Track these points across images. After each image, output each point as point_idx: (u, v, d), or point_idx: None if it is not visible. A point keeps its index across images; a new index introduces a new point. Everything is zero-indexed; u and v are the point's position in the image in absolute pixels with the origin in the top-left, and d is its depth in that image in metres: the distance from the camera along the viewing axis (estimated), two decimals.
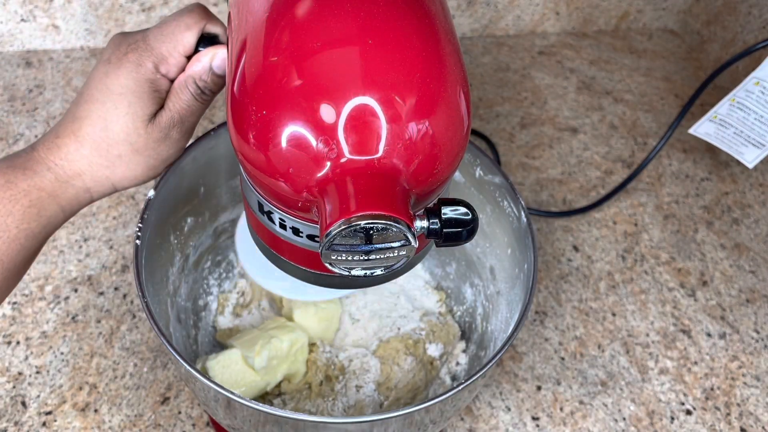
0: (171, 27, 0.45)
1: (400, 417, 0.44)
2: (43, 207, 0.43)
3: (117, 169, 0.45)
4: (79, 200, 0.45)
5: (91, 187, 0.45)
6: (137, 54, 0.43)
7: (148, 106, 0.44)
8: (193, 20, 0.45)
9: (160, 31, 0.44)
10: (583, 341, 0.71)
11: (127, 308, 0.69)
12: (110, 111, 0.43)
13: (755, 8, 0.94)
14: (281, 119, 0.35)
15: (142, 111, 0.44)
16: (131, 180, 0.46)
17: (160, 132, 0.45)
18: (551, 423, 0.65)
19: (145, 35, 0.44)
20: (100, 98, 0.43)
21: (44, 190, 0.43)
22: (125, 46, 0.44)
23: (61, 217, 0.44)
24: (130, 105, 0.43)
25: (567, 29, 1.09)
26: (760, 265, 0.80)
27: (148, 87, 0.44)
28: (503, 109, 0.95)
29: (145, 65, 0.43)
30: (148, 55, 0.44)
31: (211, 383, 0.43)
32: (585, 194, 0.85)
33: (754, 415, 0.67)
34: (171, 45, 0.44)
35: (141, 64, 0.43)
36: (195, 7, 0.46)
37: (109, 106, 0.43)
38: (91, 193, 0.45)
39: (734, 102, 0.73)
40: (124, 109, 0.43)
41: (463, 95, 0.38)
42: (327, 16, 0.36)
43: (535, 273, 0.51)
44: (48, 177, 0.43)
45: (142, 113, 0.44)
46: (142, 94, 0.43)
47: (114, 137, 0.44)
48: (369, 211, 0.33)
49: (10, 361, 0.64)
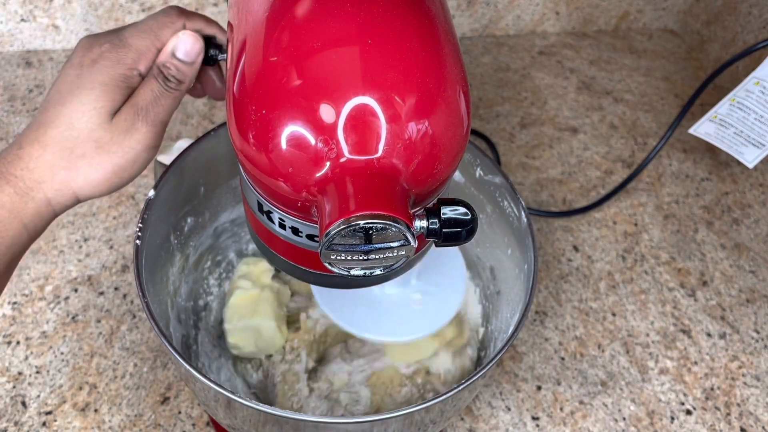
0: (148, 24, 0.44)
1: (400, 417, 0.44)
2: (3, 226, 0.40)
3: (79, 172, 0.42)
4: (41, 215, 0.42)
5: (51, 198, 0.42)
6: (113, 52, 0.42)
7: (115, 99, 0.42)
8: (169, 18, 0.44)
9: (136, 29, 0.44)
10: (583, 341, 0.71)
11: (127, 308, 0.69)
12: (76, 108, 0.41)
13: (755, 8, 0.94)
14: (281, 119, 0.35)
15: (109, 104, 0.42)
16: (94, 185, 0.43)
17: (124, 122, 0.42)
18: (551, 423, 0.65)
19: (120, 34, 0.43)
20: (68, 99, 0.42)
21: (3, 207, 0.40)
22: (98, 47, 0.43)
23: (25, 236, 0.42)
24: (97, 98, 0.41)
25: (567, 29, 1.09)
26: (760, 265, 0.80)
27: (120, 82, 0.42)
28: (503, 109, 0.95)
29: (123, 62, 0.42)
30: (126, 52, 0.42)
31: (211, 383, 0.43)
32: (585, 194, 0.85)
33: (754, 415, 0.67)
34: (149, 41, 0.43)
35: (119, 62, 0.42)
36: (170, 7, 0.46)
37: (75, 103, 0.41)
38: (53, 206, 0.43)
39: (734, 102, 0.73)
40: (90, 104, 0.41)
41: (463, 95, 0.38)
42: (327, 15, 0.36)
43: (535, 273, 0.51)
44: (7, 192, 0.41)
45: (110, 106, 0.42)
46: (113, 87, 0.42)
47: (78, 135, 0.41)
48: (368, 211, 0.33)
49: (10, 361, 0.64)
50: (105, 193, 0.44)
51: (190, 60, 0.44)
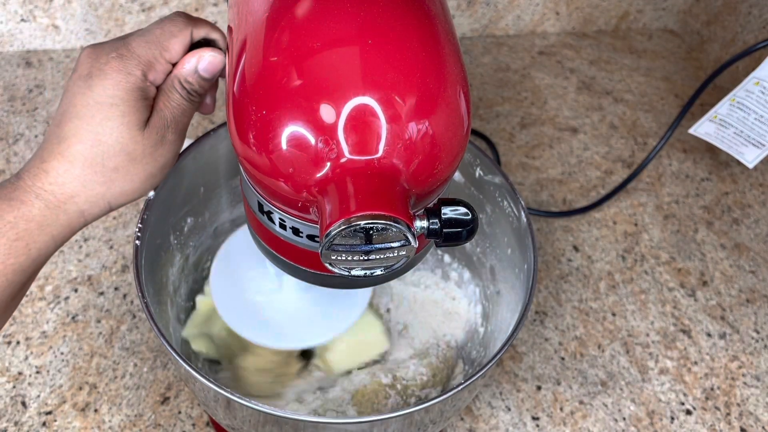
0: (155, 34, 0.44)
1: (400, 417, 0.44)
2: (31, 239, 0.41)
3: (114, 184, 0.43)
4: (72, 226, 0.43)
5: (85, 210, 0.43)
6: (122, 62, 0.42)
7: (141, 113, 0.43)
8: (177, 27, 0.44)
9: (143, 39, 0.43)
10: (583, 341, 0.71)
11: (127, 308, 0.69)
12: (101, 124, 0.42)
13: (755, 8, 0.94)
14: (281, 119, 0.35)
15: (136, 119, 0.42)
16: (129, 194, 0.44)
17: (156, 135, 0.43)
18: (551, 423, 0.65)
19: (126, 43, 0.43)
20: (88, 113, 0.42)
21: (33, 220, 0.41)
22: (104, 56, 0.42)
23: (52, 247, 0.42)
24: (124, 115, 0.42)
25: (567, 29, 1.09)
26: (760, 265, 0.80)
27: (139, 95, 0.42)
28: (503, 109, 0.95)
29: (134, 73, 0.42)
30: (135, 63, 0.42)
31: (211, 383, 0.43)
32: (585, 194, 0.85)
33: (754, 415, 0.67)
34: (157, 52, 0.43)
35: (130, 73, 0.42)
36: (176, 15, 0.45)
37: (100, 118, 0.42)
38: (85, 217, 0.43)
39: (734, 102, 0.73)
40: (117, 119, 0.42)
41: (463, 95, 0.38)
42: (327, 16, 0.36)
43: (535, 273, 0.51)
44: (37, 206, 0.41)
45: (137, 120, 0.42)
46: (135, 102, 0.42)
47: (108, 150, 0.42)
48: (369, 211, 0.33)
49: (10, 361, 0.64)
50: (136, 198, 0.45)
51: (211, 77, 0.45)
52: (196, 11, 0.93)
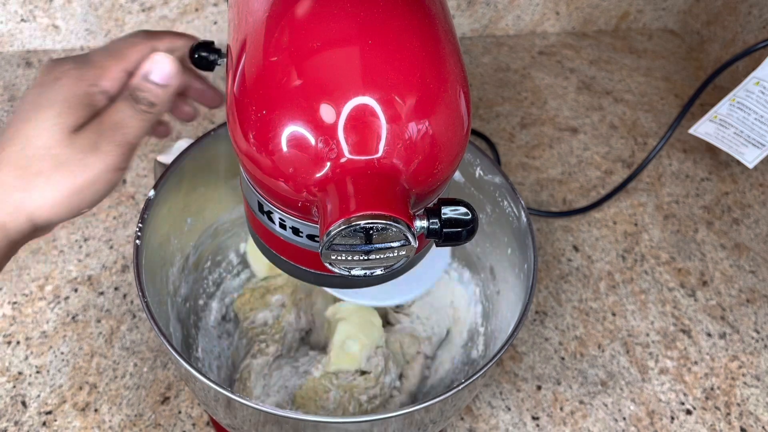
0: (115, 45, 0.44)
1: (400, 417, 0.44)
2: None
3: (34, 192, 0.39)
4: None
5: (6, 222, 0.39)
6: (77, 70, 0.41)
7: (77, 116, 0.40)
8: (138, 38, 0.44)
9: (101, 49, 0.44)
10: (583, 341, 0.71)
11: (127, 308, 0.69)
12: (34, 125, 0.39)
13: (755, 8, 0.94)
14: (281, 119, 0.35)
15: (70, 121, 0.40)
16: (50, 206, 0.40)
17: (86, 140, 0.40)
18: (551, 423, 0.65)
19: (84, 55, 0.43)
20: (26, 117, 0.40)
21: None
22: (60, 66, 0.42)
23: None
24: (58, 115, 0.40)
25: (567, 29, 1.09)
26: (760, 265, 0.80)
27: (81, 99, 0.41)
28: (503, 109, 0.95)
29: (84, 78, 0.41)
30: (89, 68, 0.42)
31: (211, 383, 0.43)
32: (585, 194, 0.85)
33: (754, 415, 0.67)
34: (113, 60, 0.43)
35: (80, 78, 0.41)
36: (138, 31, 0.46)
37: (35, 120, 0.40)
38: (7, 231, 0.39)
39: (734, 102, 0.73)
40: (50, 120, 0.39)
41: (463, 95, 0.38)
42: (327, 15, 0.36)
43: (535, 273, 0.51)
44: None
45: (71, 123, 0.40)
46: (74, 104, 0.40)
47: (35, 153, 0.39)
48: (369, 211, 0.33)
49: (10, 361, 0.64)
50: (64, 216, 0.41)
51: (164, 83, 0.43)
52: (196, 11, 0.93)
